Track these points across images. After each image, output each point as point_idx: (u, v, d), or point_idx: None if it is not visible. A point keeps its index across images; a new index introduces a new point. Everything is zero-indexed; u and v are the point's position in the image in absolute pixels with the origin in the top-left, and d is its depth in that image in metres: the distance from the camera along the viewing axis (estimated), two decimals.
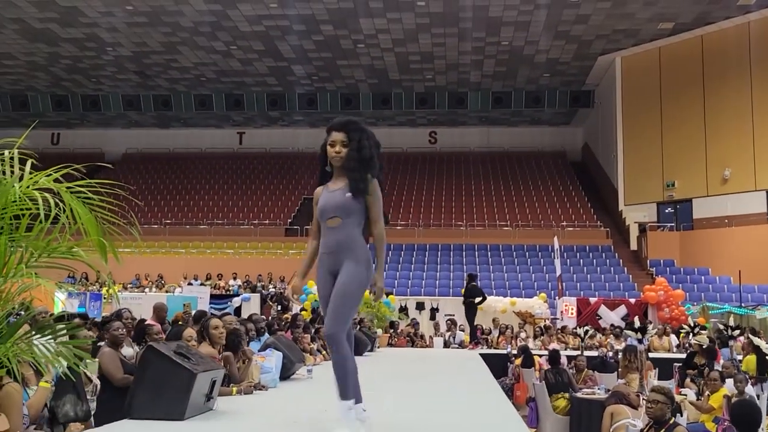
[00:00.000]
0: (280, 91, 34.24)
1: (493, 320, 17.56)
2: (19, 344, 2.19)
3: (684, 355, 12.34)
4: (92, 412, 4.38)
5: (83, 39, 27.89)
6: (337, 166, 4.08)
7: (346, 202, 4.01)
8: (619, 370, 9.95)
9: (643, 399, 7.06)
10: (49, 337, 2.30)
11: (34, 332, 2.26)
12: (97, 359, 4.86)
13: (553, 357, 9.99)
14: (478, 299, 15.41)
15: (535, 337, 16.31)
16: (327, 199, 4.09)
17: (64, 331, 2.34)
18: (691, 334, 13.40)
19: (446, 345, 15.83)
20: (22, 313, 2.90)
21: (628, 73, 29.19)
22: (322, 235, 4.15)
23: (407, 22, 25.89)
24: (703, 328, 14.46)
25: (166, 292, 23.20)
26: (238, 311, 20.38)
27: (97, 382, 4.54)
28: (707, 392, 7.95)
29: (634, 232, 28.46)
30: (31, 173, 2.31)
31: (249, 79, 32.75)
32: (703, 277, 24.74)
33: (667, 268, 25.35)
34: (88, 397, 4.45)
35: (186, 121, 37.59)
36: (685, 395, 8.57)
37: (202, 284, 24.58)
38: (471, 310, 15.25)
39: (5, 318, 2.27)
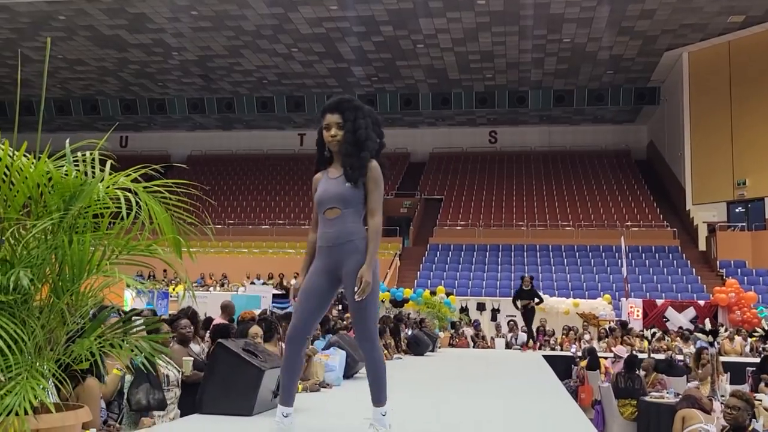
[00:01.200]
0: (340, 92, 34.49)
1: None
2: (103, 338, 2.26)
3: (757, 359, 11.92)
4: (168, 402, 4.51)
5: (150, 44, 28.71)
6: (335, 150, 3.78)
7: (345, 192, 3.72)
8: (691, 373, 9.67)
9: (717, 404, 6.84)
10: (129, 332, 2.37)
11: (117, 327, 2.33)
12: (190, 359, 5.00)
13: (631, 362, 9.74)
14: (536, 300, 15.37)
15: (600, 338, 15.98)
16: (326, 188, 3.81)
17: (143, 327, 2.41)
18: (765, 337, 12.91)
19: (508, 346, 15.67)
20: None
21: (696, 69, 28.33)
22: (320, 226, 3.85)
23: (467, 21, 25.74)
24: None
25: (230, 291, 23.65)
26: None
27: (170, 373, 4.66)
28: None
29: (702, 233, 27.61)
30: (109, 173, 2.38)
31: (309, 81, 33.13)
32: None
33: (738, 270, 24.50)
34: (164, 387, 4.58)
35: (248, 123, 38.29)
36: (760, 401, 8.27)
37: (264, 284, 24.97)
38: (530, 312, 15.21)
39: (87, 313, 2.34)
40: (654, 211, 29.85)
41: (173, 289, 21.43)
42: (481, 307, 21.12)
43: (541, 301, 16.16)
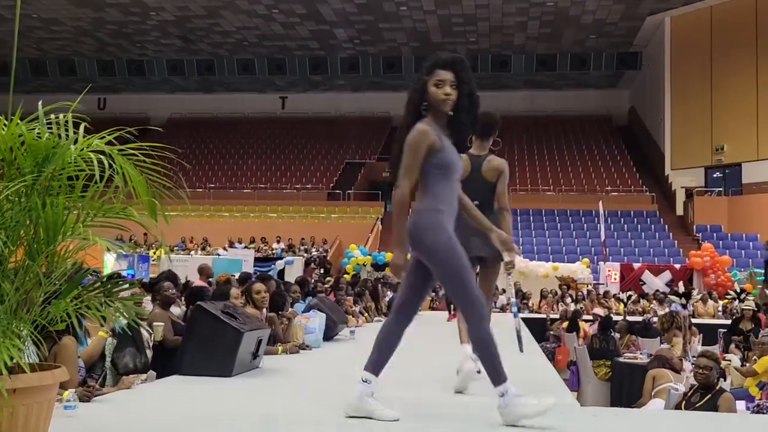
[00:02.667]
0: (322, 55, 34.17)
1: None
2: (79, 300, 2.28)
3: (728, 321, 12.20)
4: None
5: (127, 4, 28.16)
6: (446, 110, 3.38)
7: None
8: (664, 335, 9.88)
9: (688, 364, 7.01)
10: (105, 293, 2.39)
11: (92, 289, 2.36)
12: (161, 323, 5.02)
13: (605, 323, 9.92)
14: None
15: (577, 301, 16.23)
16: (453, 152, 3.33)
17: (119, 290, 2.44)
18: (737, 300, 13.20)
19: None
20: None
21: (678, 34, 28.34)
22: (446, 193, 3.30)
23: None
24: (750, 294, 14.22)
25: (211, 254, 23.65)
26: (281, 274, 20.70)
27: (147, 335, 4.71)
28: (754, 357, 7.86)
29: (680, 198, 27.94)
30: (84, 136, 2.38)
31: (291, 43, 32.74)
32: (751, 243, 24.21)
33: (714, 234, 24.87)
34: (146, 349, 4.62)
35: (229, 86, 37.85)
36: (730, 361, 8.49)
37: (246, 247, 24.98)
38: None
39: (63, 275, 2.36)
40: (633, 176, 30.08)
41: (154, 253, 21.38)
42: None
43: None
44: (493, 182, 4.76)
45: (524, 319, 12.27)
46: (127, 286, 2.45)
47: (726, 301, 15.42)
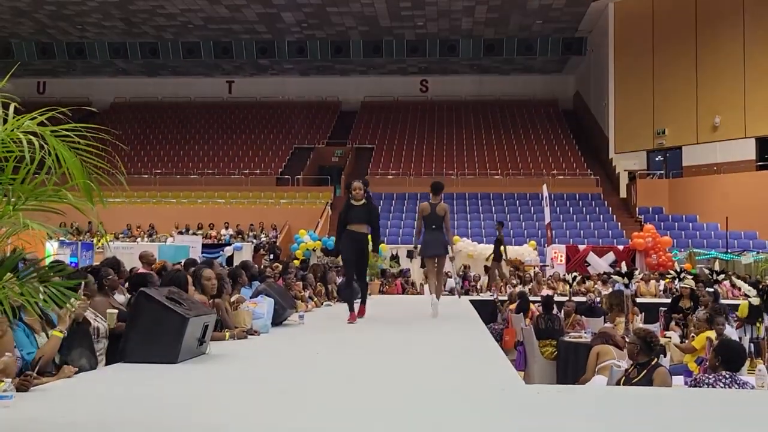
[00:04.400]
0: (270, 38, 33.75)
1: (484, 267, 17.74)
2: (9, 286, 2.22)
3: (669, 300, 12.56)
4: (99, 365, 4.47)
5: None
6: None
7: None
8: (608, 315, 10.13)
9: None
10: (40, 279, 2.33)
11: (25, 274, 2.29)
12: (115, 310, 4.91)
13: (547, 303, 10.11)
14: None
15: (525, 283, 16.49)
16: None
17: (54, 274, 2.37)
18: (677, 279, 13.59)
19: None
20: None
21: (621, 20, 28.89)
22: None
23: None
24: (690, 273, 14.65)
25: (158, 241, 23.25)
26: (230, 260, 20.48)
27: (100, 326, 4.60)
28: (692, 334, 8.12)
29: (623, 180, 28.61)
30: (14, 117, 2.30)
31: (237, 27, 32.24)
32: (691, 224, 24.97)
33: (656, 216, 25.57)
34: (95, 339, 4.51)
35: (174, 70, 37.10)
36: (670, 338, 8.76)
37: (194, 234, 24.64)
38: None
39: None
40: (579, 160, 30.64)
41: (98, 241, 20.91)
42: (411, 254, 21.40)
43: None
44: (442, 215, 8.56)
45: (473, 301, 12.46)
46: (62, 270, 2.39)
47: (667, 281, 15.87)
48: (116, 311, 4.93)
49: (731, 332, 7.70)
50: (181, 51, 34.61)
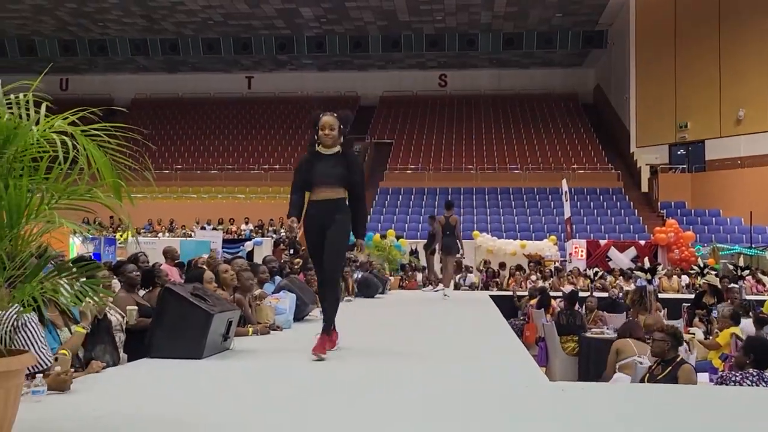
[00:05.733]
0: (289, 34, 33.80)
1: (501, 263, 17.69)
2: (44, 284, 2.25)
3: (692, 296, 12.45)
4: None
5: None
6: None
7: None
8: (630, 310, 10.07)
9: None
10: (71, 277, 2.36)
11: (56, 272, 2.32)
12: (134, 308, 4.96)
13: (571, 298, 10.05)
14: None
15: (545, 279, 16.43)
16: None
17: (84, 272, 2.40)
18: (700, 275, 13.47)
19: (456, 287, 15.99)
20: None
21: (643, 13, 28.58)
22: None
23: None
24: (713, 269, 14.52)
25: (179, 236, 23.42)
26: (250, 255, 20.58)
27: (113, 318, 4.65)
28: (716, 330, 8.05)
29: (645, 175, 28.34)
30: (46, 116, 2.33)
31: (257, 23, 32.32)
32: (714, 219, 24.71)
33: (678, 210, 25.32)
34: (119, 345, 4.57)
35: (194, 66, 37.29)
36: (693, 334, 8.68)
37: (214, 229, 24.79)
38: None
39: (28, 259, 2.32)
40: (599, 154, 30.42)
41: (120, 236, 21.10)
42: (433, 252, 21.37)
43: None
44: (454, 225, 11.11)
45: (493, 297, 12.43)
46: (94, 268, 2.42)
47: (691, 276, 15.73)
48: (135, 308, 4.98)
49: (748, 327, 7.61)
50: (201, 47, 34.77)
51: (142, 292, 5.97)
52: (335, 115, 4.95)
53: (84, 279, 2.37)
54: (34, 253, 2.36)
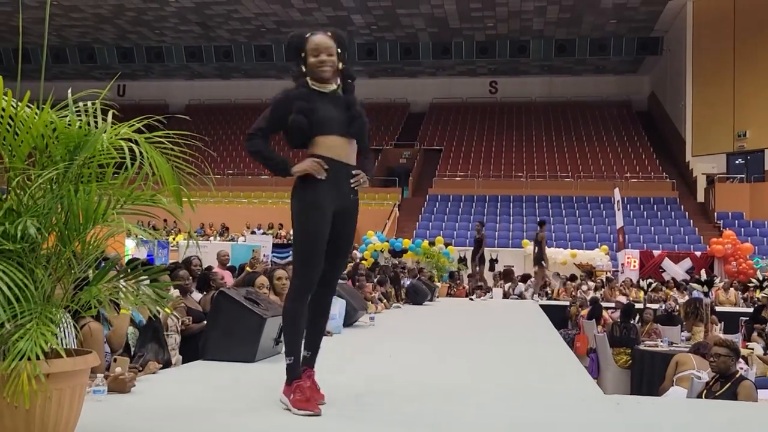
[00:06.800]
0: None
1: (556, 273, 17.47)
2: (108, 286, 2.31)
3: (750, 309, 12.09)
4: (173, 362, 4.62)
5: None
6: None
7: None
8: (684, 323, 9.83)
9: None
10: (134, 280, 2.42)
11: (121, 275, 2.38)
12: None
13: (627, 311, 9.84)
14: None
15: (596, 289, 16.16)
16: None
17: (146, 276, 2.46)
18: (759, 288, 13.07)
19: (505, 296, 15.85)
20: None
21: (700, 19, 27.95)
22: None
23: None
24: None
25: (230, 240, 23.78)
26: None
27: (169, 320, 4.75)
28: None
29: (701, 184, 27.65)
30: (112, 123, 2.40)
31: (309, 30, 32.61)
32: None
33: (736, 221, 24.61)
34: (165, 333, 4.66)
35: (247, 72, 37.90)
36: (752, 349, 8.43)
37: (264, 233, 25.09)
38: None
39: (93, 262, 2.39)
40: (653, 163, 29.82)
41: (173, 239, 21.54)
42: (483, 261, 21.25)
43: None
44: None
45: (543, 306, 12.28)
46: (157, 272, 2.48)
47: (750, 289, 15.27)
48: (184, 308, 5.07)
49: None
50: (254, 54, 35.32)
51: (198, 296, 6.09)
52: (329, 33, 3.59)
53: (146, 282, 2.43)
54: (99, 256, 2.43)
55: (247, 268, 9.68)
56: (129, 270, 2.42)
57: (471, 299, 13.82)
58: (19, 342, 2.01)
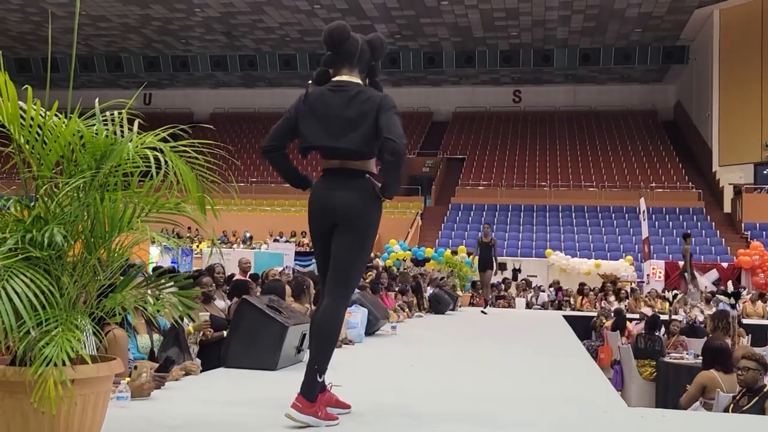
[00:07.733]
0: None
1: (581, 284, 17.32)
2: (134, 294, 2.33)
3: None
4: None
5: (173, 1, 28.59)
6: None
7: None
8: (710, 335, 9.67)
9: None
10: (160, 287, 2.44)
11: (147, 283, 2.41)
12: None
13: (652, 322, 9.72)
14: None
15: (620, 300, 15.99)
16: None
17: (172, 283, 2.49)
18: None
19: (528, 306, 15.75)
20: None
21: (727, 27, 27.64)
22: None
23: None
24: None
25: (253, 248, 23.90)
26: None
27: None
28: None
29: (728, 195, 27.29)
30: (137, 132, 2.43)
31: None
32: None
33: (764, 232, 24.23)
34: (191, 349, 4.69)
35: (271, 81, 38.17)
36: None
37: (287, 241, 25.19)
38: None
39: (118, 269, 2.41)
40: (679, 173, 29.50)
41: (197, 246, 21.70)
42: (502, 267, 21.13)
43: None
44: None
45: (566, 317, 12.19)
46: (182, 281, 2.50)
47: None
48: (207, 314, 5.10)
49: None
50: (278, 63, 35.57)
51: (221, 303, 6.12)
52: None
53: (172, 290, 2.46)
54: (124, 263, 2.45)
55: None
56: (154, 278, 2.45)
57: (483, 312, 12.29)
58: (45, 348, 2.03)
